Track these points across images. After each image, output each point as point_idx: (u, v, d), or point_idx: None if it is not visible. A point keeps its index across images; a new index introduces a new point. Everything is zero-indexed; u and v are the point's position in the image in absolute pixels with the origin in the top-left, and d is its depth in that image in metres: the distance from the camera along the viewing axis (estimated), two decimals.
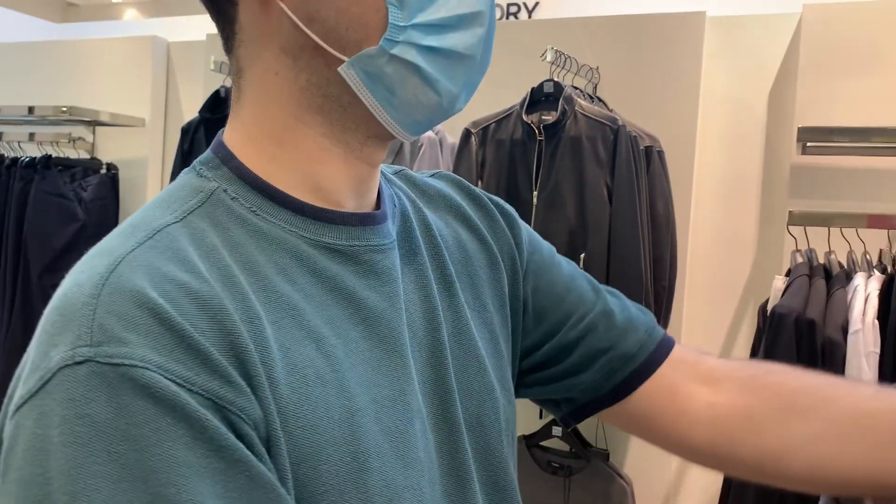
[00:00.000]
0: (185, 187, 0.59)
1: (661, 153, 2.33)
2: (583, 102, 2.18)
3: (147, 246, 0.51)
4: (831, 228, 2.00)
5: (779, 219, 2.40)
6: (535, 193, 2.20)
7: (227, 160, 0.60)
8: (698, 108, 2.43)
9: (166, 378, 0.46)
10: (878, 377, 1.79)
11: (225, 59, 0.64)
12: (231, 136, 0.62)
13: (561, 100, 2.19)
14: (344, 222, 0.61)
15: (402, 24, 0.56)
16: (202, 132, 2.84)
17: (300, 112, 0.60)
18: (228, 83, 2.28)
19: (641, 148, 2.22)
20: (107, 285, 0.48)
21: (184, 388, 0.46)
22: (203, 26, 3.32)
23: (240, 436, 0.48)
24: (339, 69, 0.57)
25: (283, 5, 0.57)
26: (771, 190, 2.44)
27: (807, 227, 2.03)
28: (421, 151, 2.44)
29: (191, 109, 3.24)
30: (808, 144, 2.10)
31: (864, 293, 1.86)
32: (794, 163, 2.32)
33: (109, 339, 0.46)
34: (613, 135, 2.12)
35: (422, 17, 0.56)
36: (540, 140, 2.20)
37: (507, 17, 3.04)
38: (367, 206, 0.64)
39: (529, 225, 2.22)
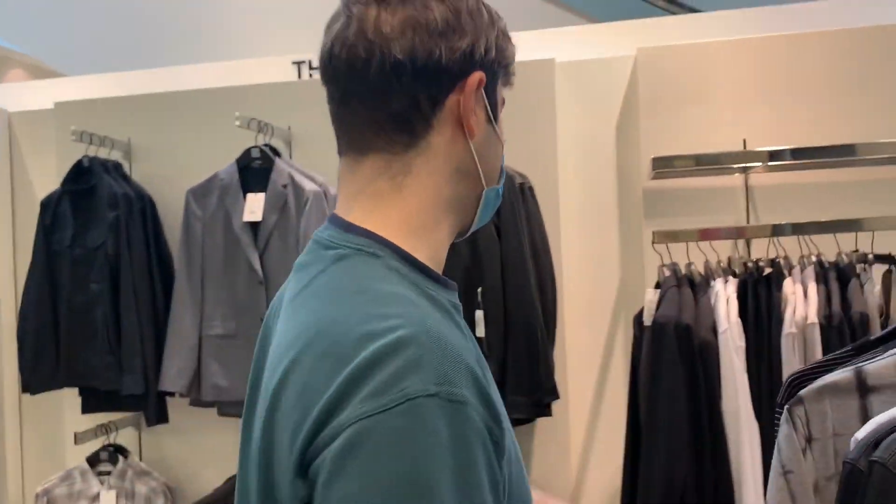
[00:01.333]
0: (376, 266, 0.80)
1: (531, 189, 2.54)
2: None
3: (426, 314, 0.75)
4: (689, 242, 2.28)
5: (636, 238, 2.69)
6: None
7: (386, 243, 0.81)
8: (556, 146, 2.67)
9: (479, 418, 0.69)
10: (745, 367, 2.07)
11: (85, 128, 0.77)
12: (383, 222, 0.83)
13: None
14: (455, 288, 0.85)
15: (501, 175, 0.91)
16: (66, 204, 2.74)
17: (447, 213, 0.85)
18: (91, 152, 2.38)
19: (517, 185, 2.42)
20: (438, 344, 0.71)
21: (486, 428, 0.70)
22: (48, 93, 3.20)
23: (497, 454, 0.72)
24: (484, 192, 0.87)
25: (471, 143, 0.84)
26: (627, 213, 2.73)
27: (669, 244, 2.29)
28: (307, 205, 2.51)
29: (42, 181, 3.10)
30: (657, 171, 2.39)
31: (725, 296, 2.15)
32: (646, 187, 2.62)
33: (448, 382, 0.69)
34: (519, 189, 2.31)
35: (501, 181, 0.92)
36: None
37: None
38: None
39: None
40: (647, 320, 2.16)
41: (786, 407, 1.17)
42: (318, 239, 0.85)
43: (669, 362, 2.04)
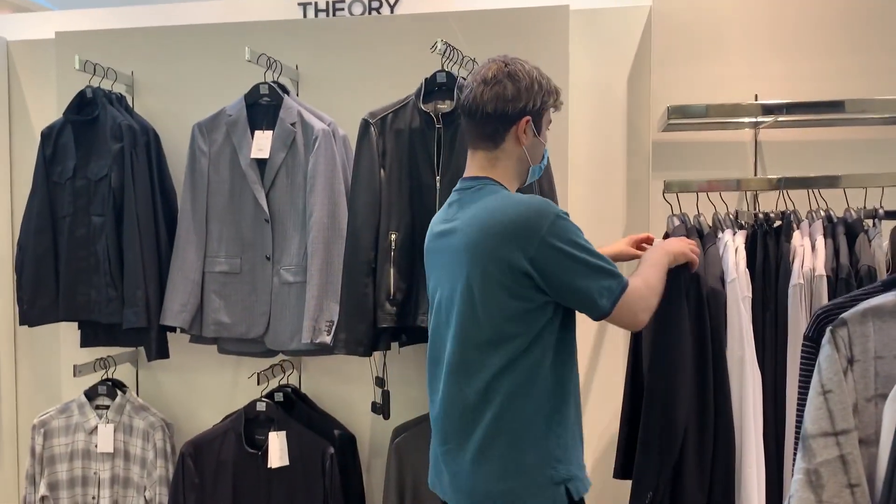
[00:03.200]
0: (500, 188, 1.79)
1: None
2: None
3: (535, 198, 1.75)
4: (699, 193, 2.28)
5: (643, 189, 2.69)
6: (437, 178, 2.32)
7: (496, 182, 1.80)
8: (568, 95, 2.65)
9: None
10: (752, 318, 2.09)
11: (89, 58, 1.06)
12: (493, 173, 1.80)
13: (455, 89, 2.32)
14: None
15: (545, 157, 1.91)
16: (69, 135, 2.69)
17: (515, 176, 1.84)
18: (95, 83, 2.76)
19: None
20: (548, 202, 1.72)
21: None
22: (49, 24, 3.13)
23: None
24: (530, 167, 1.86)
25: (524, 147, 1.80)
26: (635, 164, 2.72)
27: (679, 194, 2.30)
28: (316, 144, 2.48)
29: (41, 112, 3.05)
30: (670, 122, 2.38)
31: (733, 246, 2.16)
32: (655, 139, 2.61)
33: (564, 212, 1.69)
34: None
35: (545, 157, 1.92)
36: (438, 128, 2.32)
37: (370, 12, 3.12)
38: None
39: (434, 208, 2.53)
40: None
41: (829, 329, 1.18)
42: (461, 186, 1.84)
43: (677, 308, 2.05)
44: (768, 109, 2.23)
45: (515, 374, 1.66)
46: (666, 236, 2.27)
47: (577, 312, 1.75)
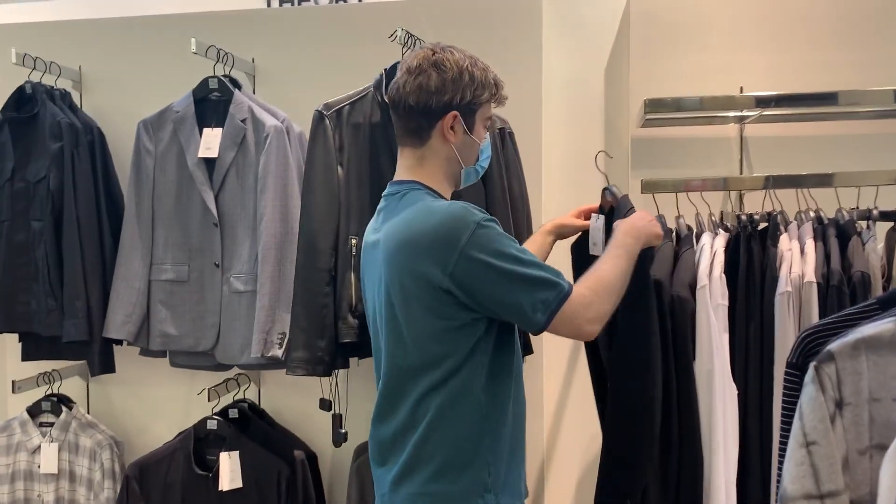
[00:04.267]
0: (424, 194, 1.59)
1: (511, 134, 2.35)
2: None
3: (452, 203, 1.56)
4: (679, 194, 2.11)
5: (621, 189, 2.51)
6: None
7: (423, 186, 1.61)
8: (541, 88, 2.48)
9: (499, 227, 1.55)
10: (728, 326, 1.91)
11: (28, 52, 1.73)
12: (420, 174, 1.62)
13: None
14: None
15: (480, 159, 1.69)
16: (7, 134, 2.51)
17: (446, 177, 1.64)
18: (35, 78, 2.60)
19: (496, 130, 2.23)
20: (466, 207, 1.52)
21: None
22: None
23: None
24: (462, 170, 1.65)
25: (454, 149, 1.61)
26: (613, 162, 2.55)
27: (655, 195, 2.12)
28: (268, 142, 2.31)
29: None
30: (648, 117, 2.21)
31: (711, 251, 1.98)
32: (634, 135, 2.44)
33: (485, 218, 1.51)
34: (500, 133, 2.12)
35: (482, 157, 1.69)
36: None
37: (337, 1, 2.94)
38: None
39: None
40: (592, 249, 2.01)
41: (812, 364, 0.97)
42: (388, 192, 1.65)
43: (645, 300, 1.86)
44: (760, 102, 2.04)
45: (443, 395, 1.51)
46: (605, 212, 2.05)
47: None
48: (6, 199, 2.48)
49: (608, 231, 1.86)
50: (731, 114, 2.34)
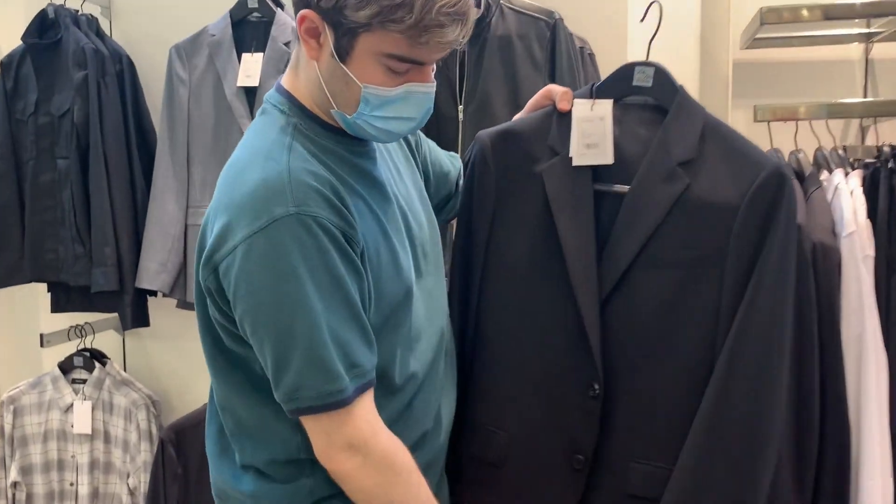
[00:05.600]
0: (280, 121, 1.12)
1: (592, 56, 2.03)
2: None
3: (294, 157, 1.06)
4: (799, 123, 1.77)
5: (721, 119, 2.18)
6: (460, 108, 1.85)
7: (297, 104, 1.13)
8: (627, 2, 2.14)
9: (328, 222, 1.03)
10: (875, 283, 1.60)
11: None
12: (293, 85, 1.15)
13: None
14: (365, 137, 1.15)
15: (365, 113, 1.08)
16: (28, 64, 2.28)
17: (320, 105, 1.13)
18: (58, 1, 2.04)
19: (577, 48, 1.91)
20: (290, 178, 1.03)
21: (336, 228, 1.04)
22: None
23: (352, 249, 1.06)
24: (331, 110, 1.12)
25: (316, 65, 1.09)
26: (710, 90, 2.21)
27: (770, 124, 1.79)
28: None
29: (8, 40, 2.63)
30: (759, 36, 1.86)
31: (847, 190, 1.66)
32: (736, 59, 2.10)
33: (303, 204, 1.02)
34: (551, 31, 1.80)
35: (377, 112, 1.08)
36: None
37: None
38: None
39: (458, 145, 2.18)
40: (579, 157, 1.63)
41: None
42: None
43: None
44: None
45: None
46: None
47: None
48: (30, 135, 2.25)
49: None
50: (855, 31, 1.97)
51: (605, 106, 1.27)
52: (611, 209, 1.26)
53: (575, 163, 1.26)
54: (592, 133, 1.26)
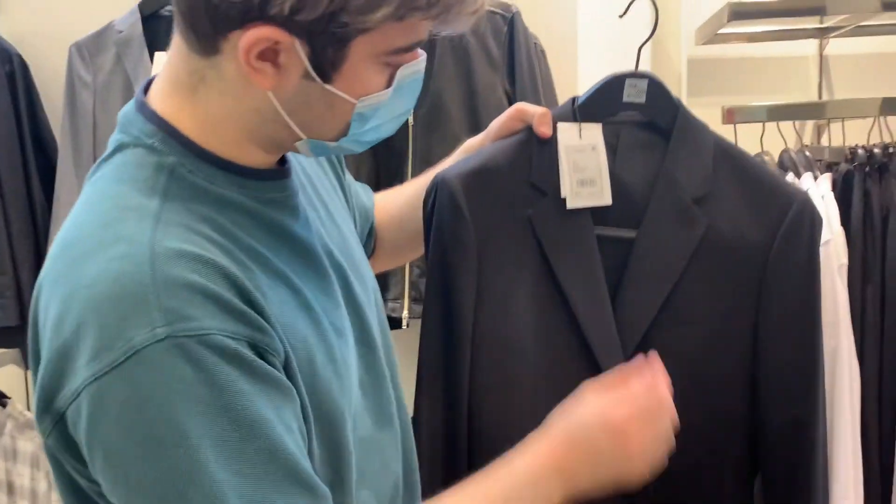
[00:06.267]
0: (146, 167, 0.73)
1: (543, 53, 1.91)
2: None
3: (162, 232, 0.68)
4: (766, 125, 1.70)
5: None
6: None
7: (175, 134, 0.74)
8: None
9: (224, 336, 0.66)
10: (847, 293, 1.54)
11: None
12: (177, 110, 0.75)
13: None
14: (286, 175, 0.82)
15: (358, 131, 0.77)
16: None
17: (249, 138, 0.77)
18: None
19: (532, 43, 1.78)
20: (156, 274, 0.65)
21: (236, 341, 0.66)
22: None
23: (270, 364, 0.69)
24: (297, 143, 0.78)
25: (272, 95, 0.73)
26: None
27: (736, 126, 1.71)
28: None
29: None
30: (724, 31, 1.78)
31: (818, 195, 1.59)
32: (691, 56, 2.02)
33: (178, 317, 0.64)
34: (508, 26, 1.66)
35: (371, 123, 0.76)
36: None
37: None
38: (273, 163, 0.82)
39: (407, 152, 1.73)
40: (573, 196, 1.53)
41: None
42: (119, 116, 0.79)
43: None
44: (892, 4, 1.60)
45: None
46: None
47: None
48: None
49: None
50: (811, 27, 1.92)
51: (595, 132, 1.05)
52: (615, 257, 1.06)
53: (570, 205, 1.03)
54: (585, 167, 1.03)
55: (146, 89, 0.78)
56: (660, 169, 1.05)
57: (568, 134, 1.04)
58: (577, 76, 2.04)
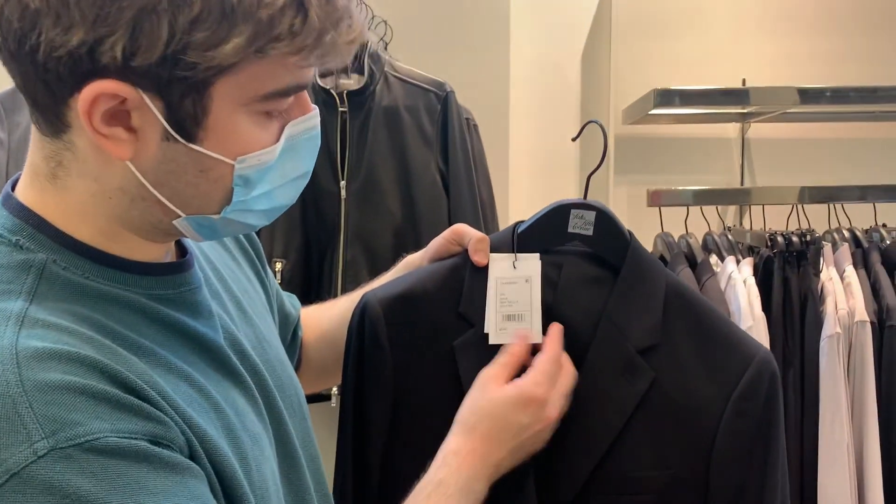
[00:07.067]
0: (9, 267, 0.63)
1: (476, 128, 1.92)
2: (396, 63, 1.68)
3: (26, 334, 0.58)
4: (690, 207, 1.74)
5: (601, 197, 2.13)
6: (342, 184, 1.66)
7: (45, 229, 0.65)
8: (509, 75, 2.05)
9: (119, 437, 0.56)
10: None
11: None
12: (43, 201, 0.66)
13: (365, 58, 1.67)
14: (187, 268, 0.73)
15: (243, 198, 0.66)
16: None
17: (121, 224, 0.67)
18: None
19: (463, 120, 1.79)
20: (24, 380, 0.55)
21: (133, 439, 0.57)
22: None
23: (179, 454, 0.61)
24: (174, 221, 0.67)
25: (131, 166, 0.63)
26: (591, 165, 2.16)
27: (661, 207, 1.74)
28: None
29: None
30: (653, 112, 1.83)
31: (741, 279, 1.63)
32: (618, 134, 2.06)
33: (60, 425, 0.54)
34: (441, 104, 1.66)
35: (260, 189, 0.66)
36: (343, 112, 1.66)
37: None
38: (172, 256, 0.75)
39: (339, 225, 1.69)
40: (496, 332, 1.50)
41: None
42: None
43: None
44: (808, 96, 1.66)
45: None
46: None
47: None
48: None
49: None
50: (735, 110, 1.99)
51: (532, 263, 0.95)
52: None
53: (492, 340, 0.92)
54: (515, 300, 0.93)
55: (15, 183, 0.70)
56: (604, 310, 0.92)
57: (500, 264, 0.95)
58: (508, 148, 2.07)
